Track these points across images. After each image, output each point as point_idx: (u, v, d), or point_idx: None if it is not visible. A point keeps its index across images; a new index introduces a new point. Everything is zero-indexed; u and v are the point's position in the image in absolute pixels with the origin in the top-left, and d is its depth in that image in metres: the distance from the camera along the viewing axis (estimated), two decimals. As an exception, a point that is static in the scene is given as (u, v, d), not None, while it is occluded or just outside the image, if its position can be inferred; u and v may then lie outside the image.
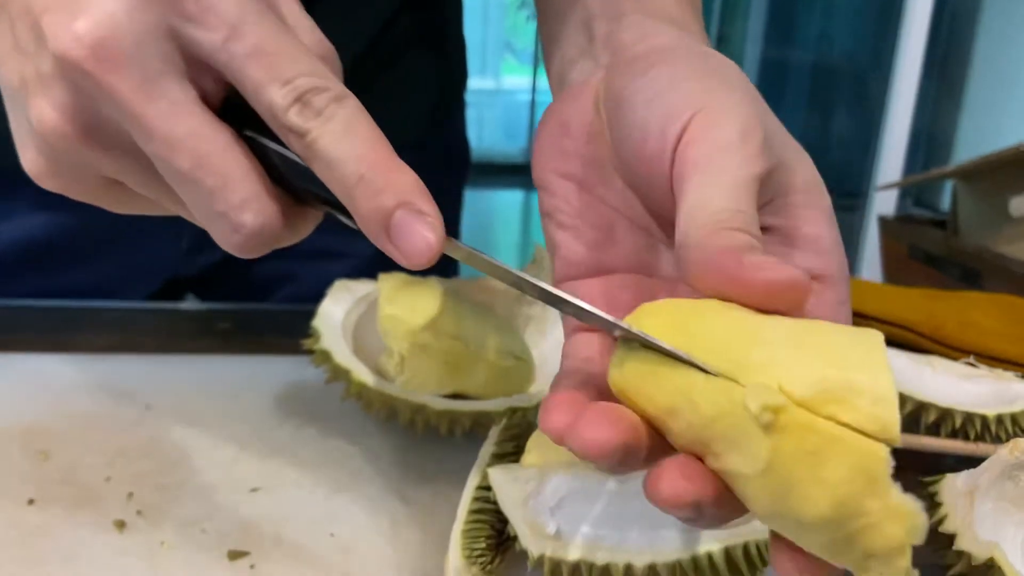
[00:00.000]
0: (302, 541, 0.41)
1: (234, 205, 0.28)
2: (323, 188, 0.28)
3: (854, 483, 0.22)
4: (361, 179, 0.27)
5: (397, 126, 0.79)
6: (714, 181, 0.27)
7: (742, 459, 0.23)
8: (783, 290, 0.25)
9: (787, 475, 0.23)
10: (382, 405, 0.47)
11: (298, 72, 0.27)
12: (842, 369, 0.23)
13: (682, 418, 0.24)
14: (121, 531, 0.40)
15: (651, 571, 0.34)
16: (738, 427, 0.23)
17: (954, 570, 0.36)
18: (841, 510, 0.22)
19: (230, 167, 0.28)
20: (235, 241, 0.28)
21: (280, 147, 0.28)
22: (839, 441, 0.22)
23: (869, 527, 0.22)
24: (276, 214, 0.28)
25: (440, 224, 0.27)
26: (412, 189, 0.27)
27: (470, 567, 0.37)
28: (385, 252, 0.27)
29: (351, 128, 0.27)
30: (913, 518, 0.22)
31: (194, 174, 0.27)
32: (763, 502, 0.23)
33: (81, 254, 0.65)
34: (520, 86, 5.12)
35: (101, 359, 0.56)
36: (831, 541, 0.23)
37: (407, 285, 0.48)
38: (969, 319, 0.65)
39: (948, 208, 1.12)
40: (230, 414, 0.51)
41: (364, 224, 0.27)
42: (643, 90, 0.31)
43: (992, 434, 0.49)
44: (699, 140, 0.29)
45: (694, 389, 0.24)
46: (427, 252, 0.27)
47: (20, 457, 0.45)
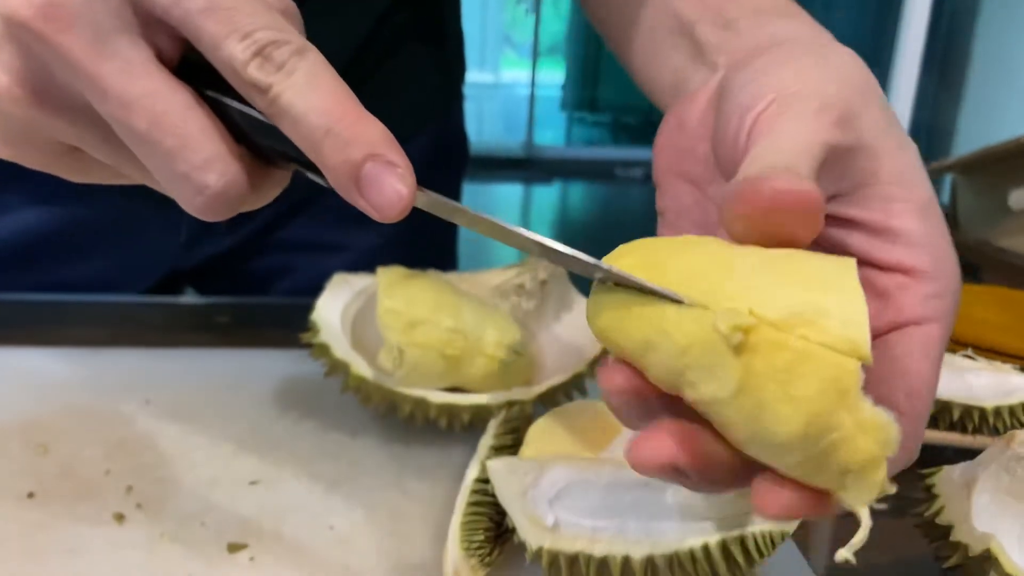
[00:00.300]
0: (301, 534, 0.41)
1: (196, 166, 0.27)
2: (289, 145, 0.27)
3: (824, 398, 0.22)
4: (328, 132, 0.26)
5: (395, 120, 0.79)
6: (775, 141, 0.27)
7: (716, 384, 0.23)
8: (789, 202, 0.24)
9: (759, 395, 0.23)
10: (381, 398, 0.47)
11: (257, 25, 0.27)
12: (812, 292, 0.23)
13: (658, 351, 0.24)
14: (121, 524, 0.41)
15: (649, 563, 0.35)
16: (710, 352, 0.23)
17: (951, 562, 0.36)
18: (813, 426, 0.22)
19: (190, 127, 0.27)
20: (199, 203, 0.27)
21: (243, 105, 0.28)
22: (809, 357, 0.22)
23: (842, 441, 0.22)
24: (240, 174, 0.27)
25: (411, 175, 0.26)
26: (381, 140, 0.26)
27: (469, 559, 0.37)
28: (356, 206, 0.27)
29: (315, 81, 0.26)
30: (885, 430, 0.22)
31: (152, 135, 0.27)
32: (739, 426, 0.23)
33: (79, 248, 0.65)
34: (519, 80, 5.11)
35: (100, 353, 0.56)
36: (806, 459, 0.23)
37: (406, 279, 0.48)
38: (967, 311, 0.64)
39: (947, 201, 1.12)
40: (229, 408, 0.51)
41: (333, 178, 0.27)
42: (742, 77, 0.31)
43: (990, 426, 0.49)
44: (773, 112, 0.28)
45: (667, 320, 0.24)
46: (398, 204, 0.26)
47: (19, 451, 0.46)
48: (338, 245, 0.70)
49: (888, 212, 0.28)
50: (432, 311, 0.46)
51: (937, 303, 0.27)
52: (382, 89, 0.65)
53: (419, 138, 0.70)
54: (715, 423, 0.24)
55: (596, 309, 0.26)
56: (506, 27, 5.62)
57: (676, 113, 0.36)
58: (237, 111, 0.28)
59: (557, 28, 5.36)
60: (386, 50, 0.65)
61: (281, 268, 0.70)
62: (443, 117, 0.74)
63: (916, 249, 0.28)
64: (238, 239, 0.68)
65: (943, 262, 0.28)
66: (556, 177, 4.53)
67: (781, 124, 0.27)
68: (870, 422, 0.22)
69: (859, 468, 0.23)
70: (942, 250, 0.28)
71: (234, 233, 0.68)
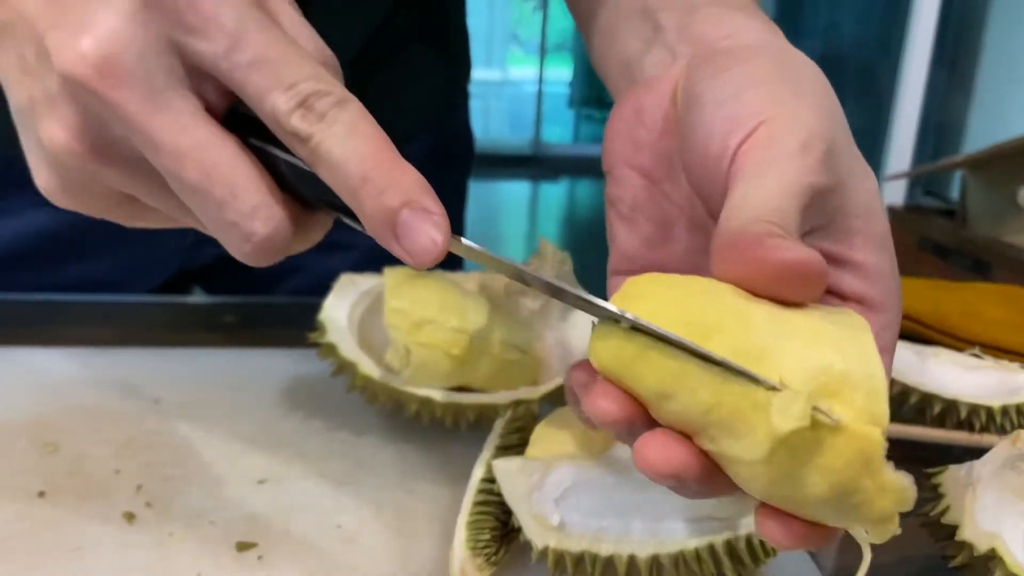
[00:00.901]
0: (309, 532, 0.41)
1: (244, 214, 0.28)
2: (329, 193, 0.28)
3: (851, 468, 0.23)
4: (365, 180, 0.27)
5: (400, 118, 0.80)
6: (763, 184, 0.27)
7: (741, 446, 0.24)
8: (796, 272, 0.25)
9: (787, 463, 0.23)
10: (387, 398, 0.47)
11: (300, 77, 0.28)
12: (834, 354, 0.24)
13: (676, 402, 0.24)
14: (130, 523, 0.41)
15: (654, 562, 0.35)
16: (739, 417, 0.23)
17: (956, 561, 0.36)
18: (837, 491, 0.23)
19: (238, 177, 0.28)
20: (247, 250, 0.29)
21: (286, 154, 0.29)
22: (839, 431, 0.23)
23: (864, 502, 0.24)
24: (285, 221, 0.29)
25: (446, 222, 0.27)
26: (417, 188, 0.27)
27: (475, 558, 0.37)
28: (392, 252, 0.28)
29: (354, 130, 0.27)
30: (903, 492, 0.24)
31: (203, 185, 0.28)
32: (759, 484, 0.24)
33: (88, 248, 0.65)
34: (526, 77, 5.11)
35: (109, 352, 0.56)
36: (824, 516, 0.24)
37: (412, 279, 0.48)
38: (974, 310, 0.64)
39: (957, 198, 1.11)
40: (237, 407, 0.51)
41: (370, 225, 0.27)
42: (715, 91, 0.31)
43: (997, 425, 0.49)
44: (758, 147, 0.28)
45: (690, 376, 0.24)
46: (433, 251, 0.27)
47: (29, 450, 0.46)
48: (345, 245, 0.70)
49: (851, 245, 0.29)
50: (438, 311, 0.46)
51: (887, 334, 0.29)
52: (387, 87, 0.65)
53: (424, 136, 0.70)
54: (728, 472, 0.25)
55: (605, 348, 0.26)
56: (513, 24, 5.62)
57: (633, 99, 0.35)
58: (281, 159, 0.29)
59: (564, 25, 5.36)
60: (391, 48, 0.65)
61: (288, 268, 0.70)
62: (449, 115, 0.74)
63: (872, 281, 0.29)
64: (245, 239, 0.68)
65: (893, 295, 0.29)
66: (563, 174, 4.53)
67: (767, 164, 0.28)
68: (890, 485, 0.24)
69: (875, 522, 0.24)
70: (893, 282, 0.30)
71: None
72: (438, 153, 0.72)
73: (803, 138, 0.28)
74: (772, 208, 0.26)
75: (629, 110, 0.35)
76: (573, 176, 4.54)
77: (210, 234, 0.30)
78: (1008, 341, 0.61)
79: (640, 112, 0.35)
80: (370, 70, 0.64)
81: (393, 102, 0.66)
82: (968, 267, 0.98)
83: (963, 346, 0.57)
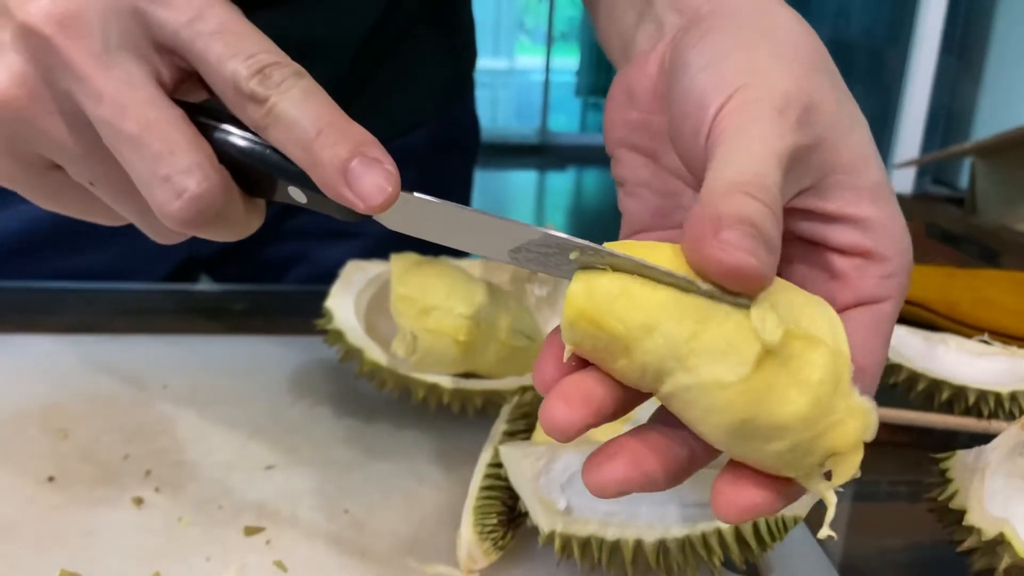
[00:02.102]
0: (317, 517, 0.41)
1: (179, 170, 0.29)
2: (274, 161, 0.29)
3: (827, 384, 0.24)
4: (320, 132, 0.28)
5: (406, 107, 0.80)
6: (741, 150, 0.27)
7: (724, 368, 0.24)
8: (731, 273, 0.25)
9: (769, 378, 0.24)
10: (395, 384, 0.47)
11: (260, 50, 0.29)
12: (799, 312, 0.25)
13: (659, 334, 0.25)
14: (139, 507, 0.41)
15: (661, 547, 0.35)
16: (724, 337, 0.24)
17: (964, 545, 0.36)
18: (816, 408, 0.24)
19: (177, 134, 0.29)
20: (175, 207, 0.29)
21: (232, 127, 0.30)
22: (817, 345, 0.24)
23: (835, 424, 0.24)
24: (219, 188, 0.29)
25: (396, 173, 0.28)
26: (369, 142, 0.28)
27: (482, 542, 0.37)
28: (343, 200, 0.28)
29: (309, 95, 0.29)
30: (869, 415, 0.25)
31: (142, 137, 0.29)
32: (732, 416, 0.24)
33: (97, 236, 0.65)
34: (533, 66, 5.09)
35: (118, 340, 0.57)
36: (796, 444, 0.25)
37: (419, 265, 0.48)
38: (984, 296, 0.64)
39: (966, 185, 1.11)
40: (245, 393, 0.52)
41: (322, 174, 0.28)
42: (694, 60, 0.30)
43: (1006, 411, 0.49)
44: (734, 114, 0.28)
45: (675, 304, 0.25)
46: (381, 196, 0.28)
47: (39, 436, 0.46)
48: (352, 232, 0.70)
49: (844, 200, 0.29)
50: (445, 298, 0.46)
51: (890, 282, 0.29)
52: (393, 76, 0.65)
53: (430, 125, 0.70)
54: (691, 414, 0.25)
55: (585, 290, 0.26)
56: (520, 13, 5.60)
57: (623, 82, 0.35)
58: (226, 133, 0.30)
59: (571, 14, 5.34)
60: (397, 37, 0.65)
61: (295, 255, 0.71)
62: (455, 104, 0.74)
63: (870, 233, 0.29)
64: (253, 227, 0.69)
65: (896, 243, 0.29)
66: (570, 163, 4.52)
67: (743, 129, 0.28)
68: (858, 408, 0.25)
69: (844, 450, 0.25)
70: (894, 231, 0.29)
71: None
72: (444, 142, 0.72)
73: (779, 102, 0.28)
74: (752, 173, 0.26)
75: (620, 92, 0.35)
76: (580, 165, 4.53)
77: (128, 215, 0.31)
78: (1017, 328, 0.61)
79: (630, 93, 0.35)
80: (376, 59, 0.64)
81: (399, 91, 0.66)
82: (977, 254, 0.98)
83: (972, 333, 0.57)
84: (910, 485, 0.48)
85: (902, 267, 0.29)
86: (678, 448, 0.27)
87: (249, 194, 0.31)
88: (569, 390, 0.26)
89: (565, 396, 0.26)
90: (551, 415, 0.26)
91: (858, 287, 0.29)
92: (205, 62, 0.29)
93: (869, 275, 0.29)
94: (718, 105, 0.28)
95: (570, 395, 0.26)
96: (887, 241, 0.29)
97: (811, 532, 0.41)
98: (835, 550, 0.42)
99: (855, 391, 0.25)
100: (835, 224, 0.29)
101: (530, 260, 0.28)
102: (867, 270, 0.29)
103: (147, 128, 0.29)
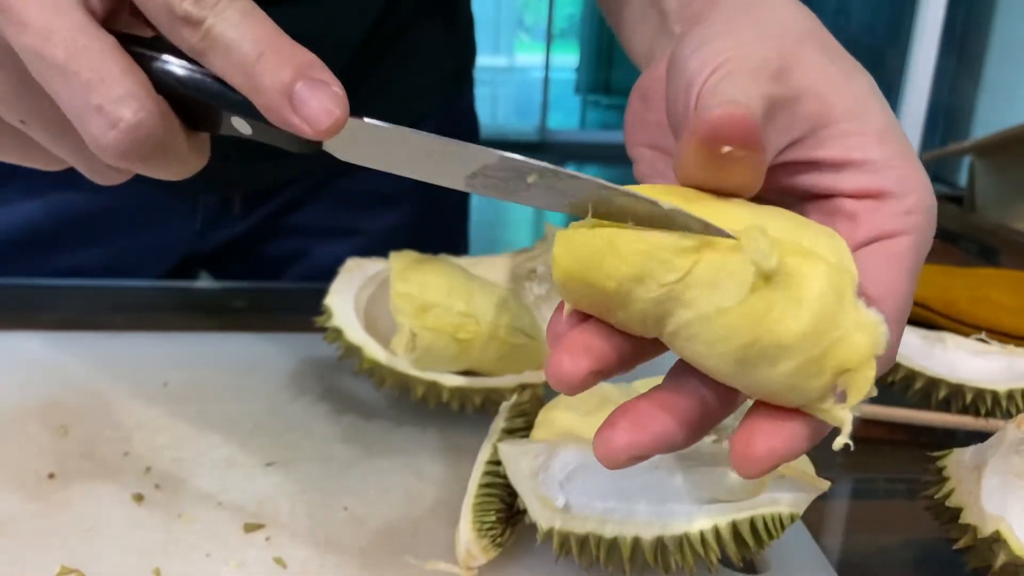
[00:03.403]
0: (316, 514, 0.41)
1: (112, 99, 0.27)
2: (215, 93, 0.28)
3: (829, 297, 0.24)
4: (261, 55, 0.27)
5: (405, 103, 0.80)
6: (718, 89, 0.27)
7: (721, 295, 0.24)
8: (725, 127, 0.25)
9: (768, 297, 0.24)
10: (394, 382, 0.47)
11: None
12: (802, 232, 0.25)
13: (650, 282, 0.25)
14: (139, 504, 0.41)
15: (659, 544, 0.35)
16: (717, 266, 0.24)
17: (960, 543, 0.36)
18: (820, 322, 0.24)
19: (108, 62, 0.27)
20: (111, 138, 0.28)
21: (168, 56, 0.28)
22: (814, 261, 0.24)
23: (841, 339, 0.24)
24: (156, 116, 0.28)
25: (343, 96, 0.27)
26: (313, 63, 0.27)
27: (481, 539, 0.37)
28: (288, 126, 0.27)
29: (247, 15, 0.27)
30: (878, 328, 0.24)
31: (69, 65, 0.27)
32: (736, 337, 0.24)
33: (97, 234, 0.66)
34: (533, 63, 5.09)
35: (118, 337, 0.57)
36: (805, 363, 0.24)
37: (418, 263, 0.48)
38: (982, 295, 0.64)
39: (965, 184, 1.11)
40: (245, 390, 0.52)
41: (266, 99, 0.27)
42: (686, 48, 0.31)
43: (1003, 410, 0.49)
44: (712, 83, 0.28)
45: (663, 249, 0.25)
46: (329, 120, 0.26)
47: (40, 432, 0.46)
48: (351, 229, 0.70)
49: (847, 147, 0.28)
50: (444, 295, 0.47)
51: (907, 218, 0.28)
52: (392, 72, 0.65)
53: (429, 121, 0.70)
54: (697, 349, 0.25)
55: (569, 251, 0.26)
56: (520, 11, 5.59)
57: (640, 88, 0.36)
58: (160, 61, 0.28)
59: (571, 11, 5.33)
60: (397, 33, 0.65)
61: (295, 252, 0.71)
62: (454, 100, 0.74)
63: (880, 174, 0.28)
64: (252, 224, 0.69)
65: (909, 180, 0.28)
66: (570, 161, 4.52)
67: (718, 89, 0.28)
68: (865, 320, 0.24)
69: (856, 365, 0.24)
70: (907, 170, 0.28)
71: (248, 218, 0.68)
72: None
73: (754, 64, 0.28)
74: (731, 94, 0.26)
75: (637, 99, 0.36)
76: (580, 162, 4.53)
77: (62, 157, 0.30)
78: (1015, 326, 0.61)
79: (645, 98, 0.36)
80: (375, 56, 0.64)
81: (398, 87, 0.66)
82: (976, 253, 0.98)
83: (970, 331, 0.57)
84: (908, 483, 0.48)
85: (920, 204, 0.28)
86: (687, 400, 0.26)
87: (192, 128, 0.30)
88: (572, 343, 0.26)
89: (568, 348, 0.26)
90: (555, 369, 0.26)
91: (870, 223, 0.28)
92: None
93: (882, 213, 0.28)
94: (701, 82, 0.29)
95: (573, 347, 0.26)
96: (898, 179, 0.28)
97: (808, 530, 0.41)
98: (832, 547, 0.43)
99: (861, 305, 0.24)
100: (843, 171, 0.29)
101: (488, 187, 0.28)
102: (880, 208, 0.28)
103: (75, 55, 0.27)
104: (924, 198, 0.28)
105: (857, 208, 0.28)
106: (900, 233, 0.28)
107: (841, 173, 0.29)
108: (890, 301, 0.27)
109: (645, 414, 0.26)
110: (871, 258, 0.27)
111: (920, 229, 0.28)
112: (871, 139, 0.28)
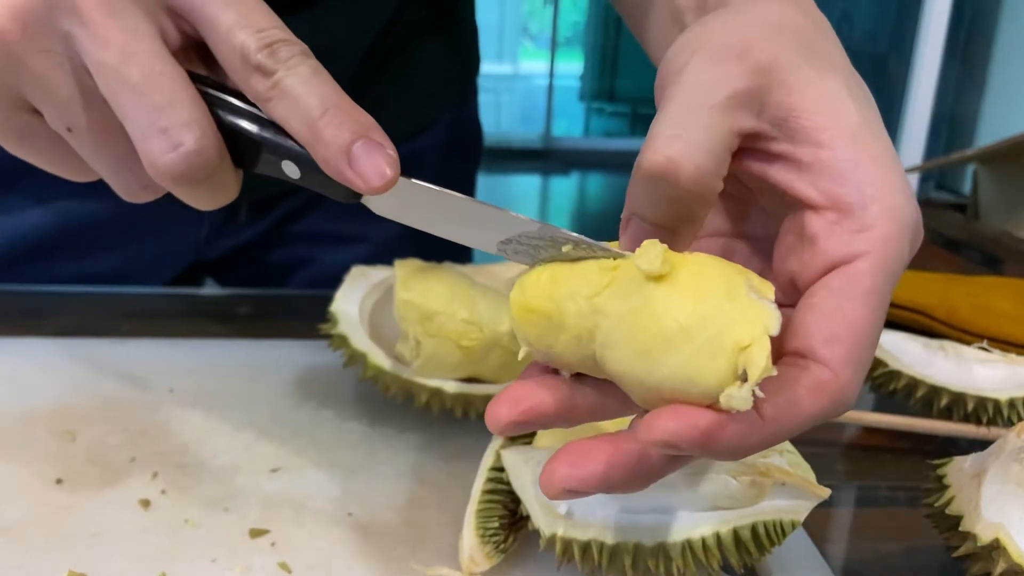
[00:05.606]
0: (321, 520, 0.42)
1: (179, 122, 0.29)
2: (272, 137, 0.30)
3: (711, 279, 0.25)
4: (326, 111, 0.29)
5: (409, 111, 0.80)
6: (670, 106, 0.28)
7: (628, 299, 0.26)
8: (651, 175, 0.27)
9: (666, 293, 0.26)
10: (398, 388, 0.48)
11: (270, 25, 0.30)
12: None
13: (579, 297, 0.27)
14: (146, 509, 0.42)
15: (661, 551, 0.35)
16: (631, 275, 0.26)
17: (960, 551, 0.37)
18: (712, 306, 0.25)
19: (179, 89, 0.29)
20: (168, 159, 0.29)
21: (232, 97, 0.30)
22: (710, 266, 0.26)
23: (735, 322, 0.24)
24: (215, 147, 0.30)
25: (396, 159, 0.29)
26: (373, 126, 0.29)
27: (484, 545, 0.38)
28: (343, 179, 0.29)
29: (316, 74, 0.29)
30: (769, 309, 0.25)
31: (144, 86, 0.29)
32: (641, 331, 0.26)
33: (104, 240, 0.66)
34: (537, 71, 5.10)
35: (124, 343, 0.57)
36: (701, 347, 0.25)
37: (422, 271, 0.49)
38: (983, 303, 0.64)
39: (969, 192, 1.11)
40: (250, 397, 0.52)
41: (325, 152, 0.29)
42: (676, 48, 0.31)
43: (1004, 418, 0.50)
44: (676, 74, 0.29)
45: (590, 268, 0.28)
46: (382, 179, 0.28)
47: (47, 438, 0.47)
48: (356, 237, 0.70)
49: (817, 143, 0.28)
50: (448, 303, 0.47)
51: (864, 237, 0.26)
52: (397, 81, 0.66)
53: (434, 130, 0.71)
54: (615, 355, 0.26)
55: (520, 289, 0.29)
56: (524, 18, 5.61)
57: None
58: (222, 99, 0.30)
59: (575, 19, 5.34)
60: (401, 42, 0.66)
61: (300, 260, 0.71)
62: (458, 109, 0.74)
63: (839, 180, 0.27)
64: (258, 231, 0.69)
65: (874, 189, 0.27)
66: (574, 168, 4.53)
67: (679, 82, 0.29)
68: (756, 305, 0.25)
69: (750, 341, 0.24)
70: (875, 175, 0.27)
71: (254, 225, 0.69)
72: (447, 146, 0.72)
73: (715, 51, 0.29)
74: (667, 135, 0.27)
75: None
76: (584, 170, 4.53)
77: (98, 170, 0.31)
78: (1017, 335, 0.62)
79: None
80: (380, 65, 0.64)
81: (403, 96, 0.67)
82: (979, 261, 0.98)
83: (971, 339, 0.57)
84: (909, 491, 0.48)
85: (882, 217, 0.26)
86: (629, 446, 0.26)
87: (236, 165, 0.32)
88: (508, 392, 0.28)
89: (502, 397, 0.28)
90: (488, 413, 0.28)
91: (825, 249, 0.27)
92: (214, 29, 0.30)
93: (838, 233, 0.27)
94: (673, 74, 0.29)
95: (507, 397, 0.28)
96: (860, 188, 0.27)
97: (810, 537, 0.41)
98: (834, 554, 0.43)
99: (754, 296, 0.25)
100: (806, 172, 0.28)
101: (519, 252, 0.30)
102: (837, 228, 0.27)
103: (151, 78, 0.29)
104: (890, 209, 0.26)
105: (816, 229, 0.27)
106: (857, 256, 0.26)
107: (807, 175, 0.28)
108: (849, 337, 0.25)
109: (586, 454, 0.26)
110: (822, 294, 0.26)
111: (882, 246, 0.26)
112: (841, 135, 0.27)
